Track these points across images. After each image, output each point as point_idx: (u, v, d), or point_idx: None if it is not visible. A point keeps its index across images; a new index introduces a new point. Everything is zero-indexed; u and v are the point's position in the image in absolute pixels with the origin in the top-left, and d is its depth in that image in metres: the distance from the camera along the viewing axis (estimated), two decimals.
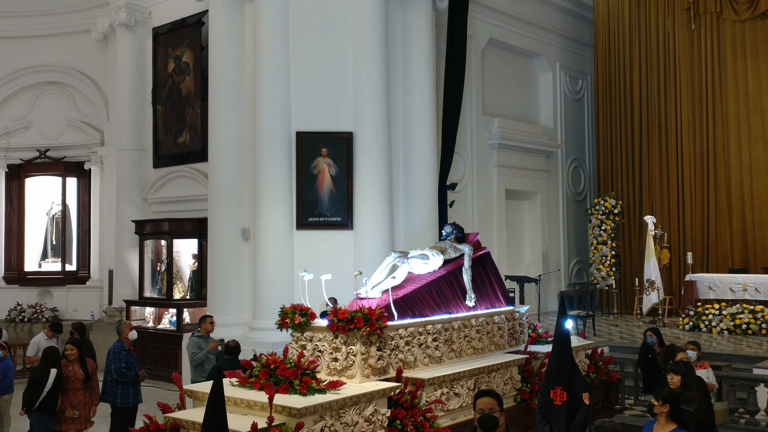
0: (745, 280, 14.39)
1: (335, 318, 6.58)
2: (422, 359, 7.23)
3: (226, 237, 12.58)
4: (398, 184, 12.77)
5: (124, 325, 9.20)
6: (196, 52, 14.77)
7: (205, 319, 9.78)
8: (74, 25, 16.92)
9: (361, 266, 9.75)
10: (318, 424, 5.70)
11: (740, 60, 16.49)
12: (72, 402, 8.02)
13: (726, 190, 16.54)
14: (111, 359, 8.68)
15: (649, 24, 17.72)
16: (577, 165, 19.52)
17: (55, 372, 7.82)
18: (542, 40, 18.20)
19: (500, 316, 8.39)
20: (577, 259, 19.16)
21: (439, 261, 7.91)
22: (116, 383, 8.64)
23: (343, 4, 12.22)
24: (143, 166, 15.88)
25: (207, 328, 9.62)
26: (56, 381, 7.83)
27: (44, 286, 17.12)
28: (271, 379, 6.13)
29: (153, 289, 15.09)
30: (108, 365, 8.71)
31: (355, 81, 12.10)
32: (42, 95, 17.35)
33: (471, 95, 15.78)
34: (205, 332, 9.57)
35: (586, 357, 9.09)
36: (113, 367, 8.64)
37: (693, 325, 13.85)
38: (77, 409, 8.05)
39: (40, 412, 7.85)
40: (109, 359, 8.70)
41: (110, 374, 8.67)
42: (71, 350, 8.14)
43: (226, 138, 12.65)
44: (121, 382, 8.61)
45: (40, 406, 7.82)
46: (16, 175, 17.22)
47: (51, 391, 7.79)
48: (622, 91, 18.09)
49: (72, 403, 8.02)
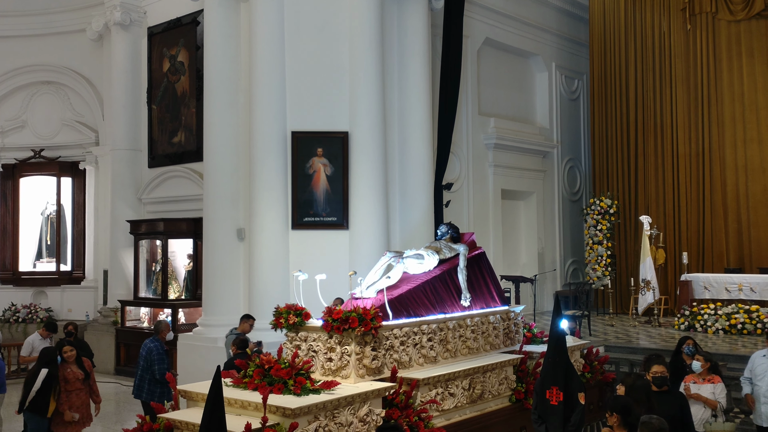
0: (741, 280, 14.40)
1: (330, 318, 6.56)
2: (417, 359, 7.22)
3: (222, 237, 12.55)
4: (394, 184, 12.76)
5: (163, 325, 9.37)
6: (191, 51, 14.74)
7: (248, 319, 9.91)
8: (69, 24, 16.88)
9: (357, 266, 9.72)
10: (312, 425, 5.68)
11: (736, 60, 16.51)
12: (73, 403, 7.96)
13: (721, 190, 16.55)
14: (155, 359, 8.80)
15: (645, 24, 17.73)
16: (572, 165, 19.53)
17: (45, 372, 7.80)
18: (538, 40, 18.21)
19: (495, 316, 8.38)
20: (572, 259, 19.17)
21: (435, 261, 7.89)
22: (156, 383, 8.76)
23: (338, 4, 12.21)
24: (138, 166, 15.85)
25: (245, 329, 9.72)
26: (47, 381, 7.79)
27: (39, 287, 17.08)
28: (265, 380, 6.11)
29: (148, 289, 15.05)
30: (148, 365, 8.83)
31: (350, 81, 12.08)
32: (36, 95, 17.30)
33: (467, 95, 15.78)
34: (242, 332, 9.64)
35: (581, 357, 9.08)
36: (157, 368, 8.78)
37: (688, 325, 13.86)
38: (78, 411, 7.98)
39: (31, 412, 7.86)
40: (152, 359, 8.82)
41: (149, 373, 8.79)
42: (70, 351, 8.10)
43: (222, 138, 12.63)
44: (161, 382, 8.70)
45: (30, 406, 7.82)
46: (11, 174, 17.18)
47: (41, 390, 7.78)
48: (618, 91, 18.10)
49: (73, 404, 7.96)
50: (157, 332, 9.23)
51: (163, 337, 9.12)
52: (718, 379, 7.46)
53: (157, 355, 8.85)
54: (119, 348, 14.82)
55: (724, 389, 7.45)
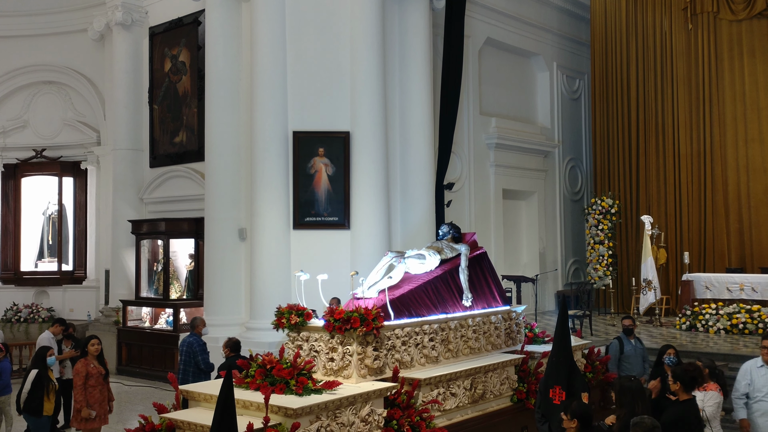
0: (742, 280, 14.39)
1: (332, 318, 6.56)
2: (419, 359, 7.22)
3: (223, 237, 12.56)
4: (395, 183, 12.77)
5: (199, 320, 9.71)
6: (192, 51, 14.75)
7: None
8: (71, 24, 16.88)
9: (358, 266, 9.73)
10: (314, 425, 5.68)
11: (737, 60, 16.50)
12: (93, 399, 7.95)
13: (723, 190, 16.54)
14: (197, 351, 9.19)
15: (646, 23, 17.72)
16: (574, 165, 19.53)
17: (35, 373, 7.98)
18: (539, 40, 18.21)
19: (497, 316, 8.38)
20: (574, 258, 19.16)
21: (436, 261, 7.90)
22: (201, 373, 9.10)
23: (340, 4, 12.22)
24: (140, 166, 15.85)
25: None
26: (37, 382, 7.97)
27: (40, 286, 17.08)
28: (267, 380, 6.12)
29: (149, 289, 15.06)
30: (190, 357, 9.19)
31: (352, 81, 12.09)
32: (38, 95, 17.31)
33: (468, 95, 15.78)
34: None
35: (582, 356, 9.08)
36: (201, 358, 9.16)
37: (690, 324, 13.85)
38: (95, 407, 7.96)
39: (26, 413, 8.05)
40: (193, 351, 9.20)
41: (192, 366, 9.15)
42: (97, 344, 8.13)
43: (223, 137, 12.63)
44: (204, 372, 9.11)
45: (25, 407, 8.01)
46: (13, 174, 17.19)
47: (32, 391, 7.94)
48: (619, 90, 18.09)
49: (92, 400, 7.94)
50: (193, 327, 9.60)
51: (199, 332, 9.49)
52: (712, 387, 6.92)
53: (198, 347, 9.23)
54: (121, 348, 14.82)
55: (715, 397, 6.86)
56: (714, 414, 6.95)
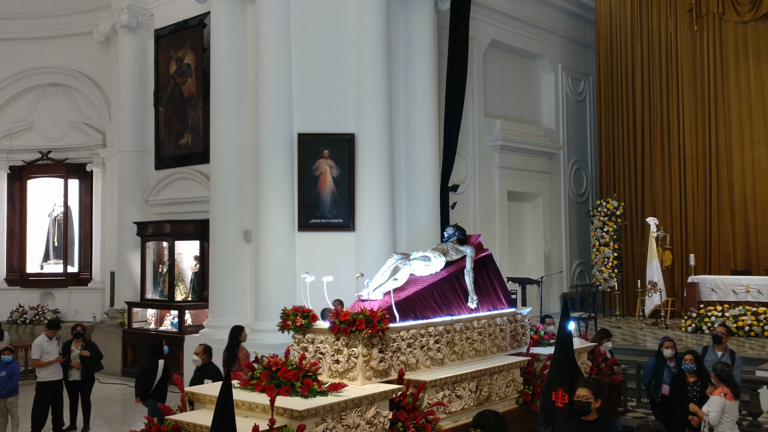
0: (748, 282, 14.36)
1: (337, 320, 6.56)
2: (424, 361, 7.22)
3: (228, 239, 12.57)
4: (400, 185, 12.76)
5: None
6: (198, 53, 14.78)
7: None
8: (76, 26, 16.95)
9: (363, 268, 9.73)
10: (319, 427, 5.68)
11: (742, 61, 16.47)
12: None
13: (728, 192, 16.51)
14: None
15: (651, 25, 17.70)
16: (579, 166, 19.50)
17: (162, 363, 9.42)
18: (544, 42, 18.19)
19: (502, 318, 8.37)
20: (579, 260, 19.13)
21: (441, 263, 7.89)
22: None
23: (345, 6, 12.21)
24: (145, 168, 15.89)
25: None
26: (165, 370, 9.38)
27: (46, 288, 17.13)
28: (272, 382, 6.11)
29: (155, 291, 15.08)
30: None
31: (357, 82, 12.09)
32: (44, 97, 17.37)
33: (473, 97, 15.78)
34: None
35: (588, 359, 9.06)
36: None
37: (695, 327, 13.82)
38: None
39: (154, 398, 9.24)
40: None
41: None
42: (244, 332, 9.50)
43: (228, 139, 12.65)
44: None
45: (154, 394, 9.29)
46: (18, 176, 17.25)
47: (161, 380, 9.33)
48: (624, 92, 18.07)
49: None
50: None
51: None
52: (720, 392, 7.02)
53: None
54: (126, 349, 14.85)
55: (721, 402, 6.95)
56: (717, 419, 6.95)
